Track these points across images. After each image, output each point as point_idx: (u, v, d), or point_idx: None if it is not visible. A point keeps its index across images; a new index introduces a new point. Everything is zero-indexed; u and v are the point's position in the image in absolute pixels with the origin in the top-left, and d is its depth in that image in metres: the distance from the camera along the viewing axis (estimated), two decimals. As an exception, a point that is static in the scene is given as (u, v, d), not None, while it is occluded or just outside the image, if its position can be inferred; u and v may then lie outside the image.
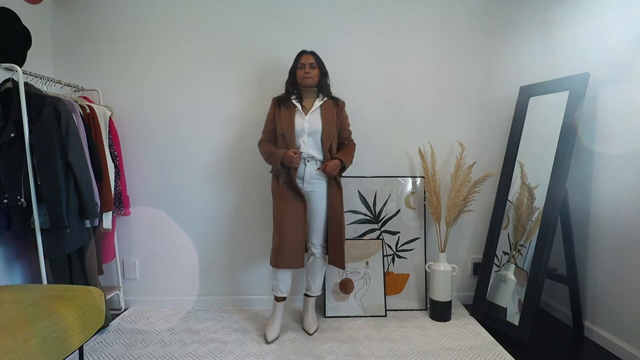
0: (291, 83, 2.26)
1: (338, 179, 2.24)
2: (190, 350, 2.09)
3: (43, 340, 1.35)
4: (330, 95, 2.27)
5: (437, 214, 2.53)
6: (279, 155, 2.12)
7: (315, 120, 2.18)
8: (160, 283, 2.68)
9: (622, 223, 2.02)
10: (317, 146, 2.18)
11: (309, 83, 2.20)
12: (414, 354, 2.05)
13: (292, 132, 2.14)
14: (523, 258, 2.30)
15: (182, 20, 2.58)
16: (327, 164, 2.16)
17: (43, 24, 2.49)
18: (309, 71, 2.19)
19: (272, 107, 2.27)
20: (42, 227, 1.96)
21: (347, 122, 2.32)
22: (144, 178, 2.63)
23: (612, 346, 2.07)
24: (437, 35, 2.66)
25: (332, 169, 2.17)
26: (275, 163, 2.16)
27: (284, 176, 2.19)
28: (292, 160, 2.10)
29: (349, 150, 2.31)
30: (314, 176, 2.20)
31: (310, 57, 2.22)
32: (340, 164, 2.21)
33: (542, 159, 2.32)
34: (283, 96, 2.26)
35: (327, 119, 2.19)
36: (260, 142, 2.30)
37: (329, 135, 2.18)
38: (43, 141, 1.93)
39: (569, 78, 2.28)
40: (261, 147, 2.28)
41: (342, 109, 2.28)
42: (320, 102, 2.22)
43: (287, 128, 2.15)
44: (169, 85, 2.60)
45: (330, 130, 2.18)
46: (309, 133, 2.16)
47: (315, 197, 2.22)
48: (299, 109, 2.19)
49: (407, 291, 2.64)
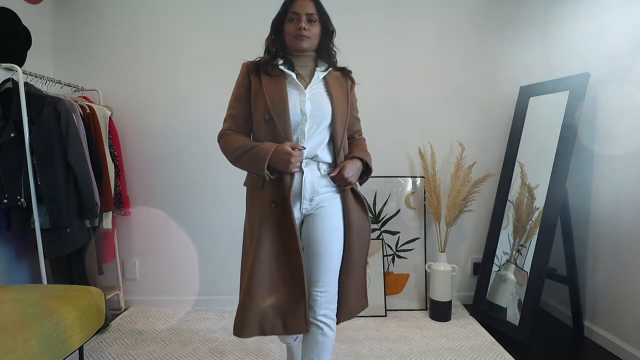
0: (274, 42, 1.44)
1: (357, 190, 1.46)
2: (190, 350, 2.09)
3: (43, 340, 1.35)
4: (336, 64, 1.49)
5: (437, 214, 2.53)
6: (266, 153, 1.28)
7: (320, 98, 1.39)
8: (160, 283, 2.68)
9: (622, 223, 2.02)
10: (323, 140, 1.40)
11: (304, 47, 1.38)
12: (414, 354, 2.05)
13: (285, 115, 1.33)
14: (523, 258, 2.30)
15: (182, 20, 2.58)
16: (345, 166, 1.37)
17: (43, 24, 2.49)
18: (306, 27, 1.36)
19: (244, 75, 1.42)
20: (42, 227, 1.96)
21: (356, 107, 1.57)
22: (144, 178, 2.63)
23: (612, 346, 2.07)
24: (437, 35, 2.66)
25: (352, 173, 1.39)
26: (257, 166, 1.31)
27: (270, 190, 1.35)
28: (288, 160, 1.27)
29: (363, 147, 1.55)
30: (319, 188, 1.39)
31: (309, 4, 1.38)
32: (362, 166, 1.45)
33: (542, 159, 2.32)
34: (263, 60, 1.42)
35: (337, 96, 1.42)
36: (223, 135, 1.44)
37: (343, 122, 1.41)
38: (43, 141, 1.93)
39: (569, 78, 2.28)
40: (225, 142, 1.42)
41: (353, 85, 1.54)
42: (324, 71, 1.44)
43: (276, 108, 1.33)
44: (169, 85, 2.60)
45: (345, 114, 1.43)
46: (312, 117, 1.36)
47: (321, 223, 1.38)
48: (293, 79, 1.38)
49: (407, 291, 2.64)
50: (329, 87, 1.42)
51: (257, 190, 1.40)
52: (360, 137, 1.62)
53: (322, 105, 1.38)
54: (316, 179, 1.39)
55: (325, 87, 1.43)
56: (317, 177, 1.39)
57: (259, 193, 1.39)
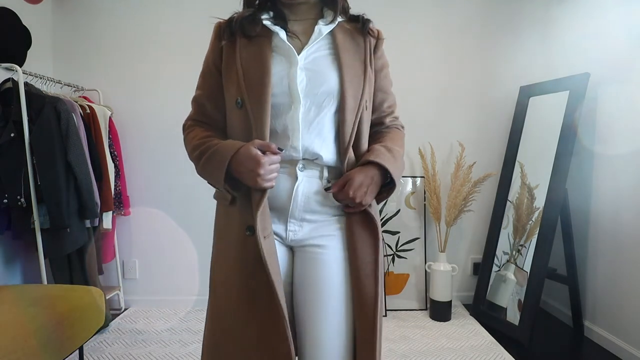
0: None
1: (371, 211, 0.96)
2: (190, 350, 2.09)
3: (43, 340, 1.35)
4: (349, 12, 1.00)
5: (437, 214, 2.53)
6: (224, 157, 0.88)
7: (321, 67, 0.93)
8: (160, 283, 2.68)
9: (622, 223, 2.02)
10: (328, 132, 0.94)
11: None
12: (414, 354, 2.05)
13: (262, 96, 0.88)
14: (523, 258, 2.30)
15: (182, 20, 2.58)
16: (352, 179, 0.91)
17: (43, 24, 2.49)
18: None
19: (214, 41, 1.02)
20: (42, 227, 1.96)
21: (389, 76, 1.07)
22: (144, 178, 2.63)
23: (612, 346, 2.07)
24: (437, 35, 2.66)
25: (363, 189, 0.92)
26: (213, 176, 0.92)
27: (243, 208, 0.92)
28: (254, 171, 0.85)
29: (393, 142, 1.01)
30: (316, 206, 0.95)
31: None
32: (379, 176, 0.95)
33: (542, 159, 2.32)
34: (240, 15, 0.98)
35: (349, 62, 0.94)
36: (184, 128, 1.06)
37: (355, 104, 0.93)
38: (43, 141, 1.93)
39: (569, 78, 2.28)
40: (185, 139, 1.04)
41: (379, 42, 1.03)
42: (329, 23, 0.95)
43: (251, 85, 0.90)
44: (169, 85, 2.59)
45: (359, 90, 0.94)
46: (309, 97, 0.91)
47: (313, 271, 0.95)
48: (280, 40, 0.92)
49: (407, 291, 2.64)
50: (337, 49, 0.94)
51: (226, 207, 0.96)
52: (393, 124, 1.07)
53: (324, 78, 0.91)
54: (313, 193, 0.93)
55: (331, 48, 0.94)
56: (315, 189, 0.94)
57: (228, 211, 0.95)
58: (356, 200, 0.91)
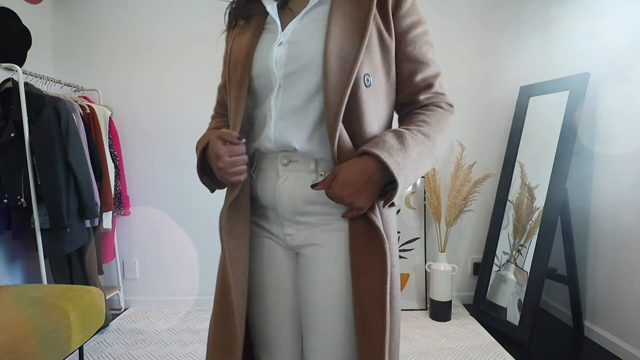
0: None
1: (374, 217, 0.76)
2: (190, 350, 2.09)
3: (43, 340, 1.35)
4: None
5: (437, 213, 2.53)
6: (198, 150, 0.89)
7: (303, 37, 0.78)
8: (160, 283, 2.68)
9: (622, 223, 2.02)
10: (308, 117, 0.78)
11: None
12: (414, 354, 2.05)
13: (238, 80, 0.81)
14: (523, 258, 2.30)
15: (183, 20, 2.58)
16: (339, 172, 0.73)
17: (43, 24, 2.49)
18: None
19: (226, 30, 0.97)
20: (42, 227, 1.96)
21: (420, 39, 0.85)
22: (144, 178, 2.63)
23: (612, 346, 2.07)
24: (437, 35, 2.64)
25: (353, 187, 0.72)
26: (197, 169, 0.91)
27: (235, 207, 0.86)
28: (215, 165, 0.81)
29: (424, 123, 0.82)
30: (306, 206, 0.81)
31: None
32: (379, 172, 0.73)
33: (542, 159, 2.32)
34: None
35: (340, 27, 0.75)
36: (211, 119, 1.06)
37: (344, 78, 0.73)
38: (43, 141, 1.93)
39: (569, 78, 2.28)
40: None
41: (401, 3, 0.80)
42: None
43: (232, 70, 0.85)
44: (169, 85, 2.59)
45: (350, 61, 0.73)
46: (287, 76, 0.78)
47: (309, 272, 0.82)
48: (271, 17, 0.82)
49: (407, 291, 2.64)
50: (330, 14, 0.76)
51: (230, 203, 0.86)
52: (432, 102, 0.88)
53: (302, 50, 0.76)
54: (299, 191, 0.80)
55: (324, 14, 0.78)
56: (303, 187, 0.80)
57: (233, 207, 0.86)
58: (344, 201, 0.72)
